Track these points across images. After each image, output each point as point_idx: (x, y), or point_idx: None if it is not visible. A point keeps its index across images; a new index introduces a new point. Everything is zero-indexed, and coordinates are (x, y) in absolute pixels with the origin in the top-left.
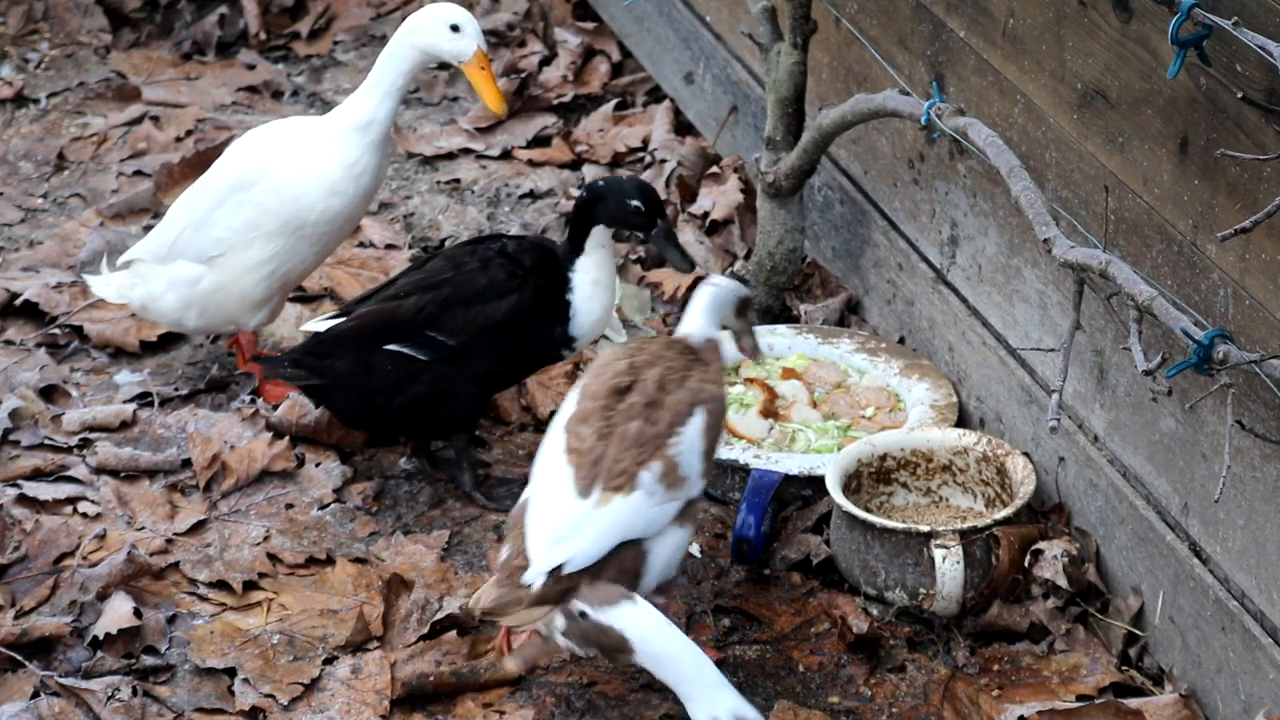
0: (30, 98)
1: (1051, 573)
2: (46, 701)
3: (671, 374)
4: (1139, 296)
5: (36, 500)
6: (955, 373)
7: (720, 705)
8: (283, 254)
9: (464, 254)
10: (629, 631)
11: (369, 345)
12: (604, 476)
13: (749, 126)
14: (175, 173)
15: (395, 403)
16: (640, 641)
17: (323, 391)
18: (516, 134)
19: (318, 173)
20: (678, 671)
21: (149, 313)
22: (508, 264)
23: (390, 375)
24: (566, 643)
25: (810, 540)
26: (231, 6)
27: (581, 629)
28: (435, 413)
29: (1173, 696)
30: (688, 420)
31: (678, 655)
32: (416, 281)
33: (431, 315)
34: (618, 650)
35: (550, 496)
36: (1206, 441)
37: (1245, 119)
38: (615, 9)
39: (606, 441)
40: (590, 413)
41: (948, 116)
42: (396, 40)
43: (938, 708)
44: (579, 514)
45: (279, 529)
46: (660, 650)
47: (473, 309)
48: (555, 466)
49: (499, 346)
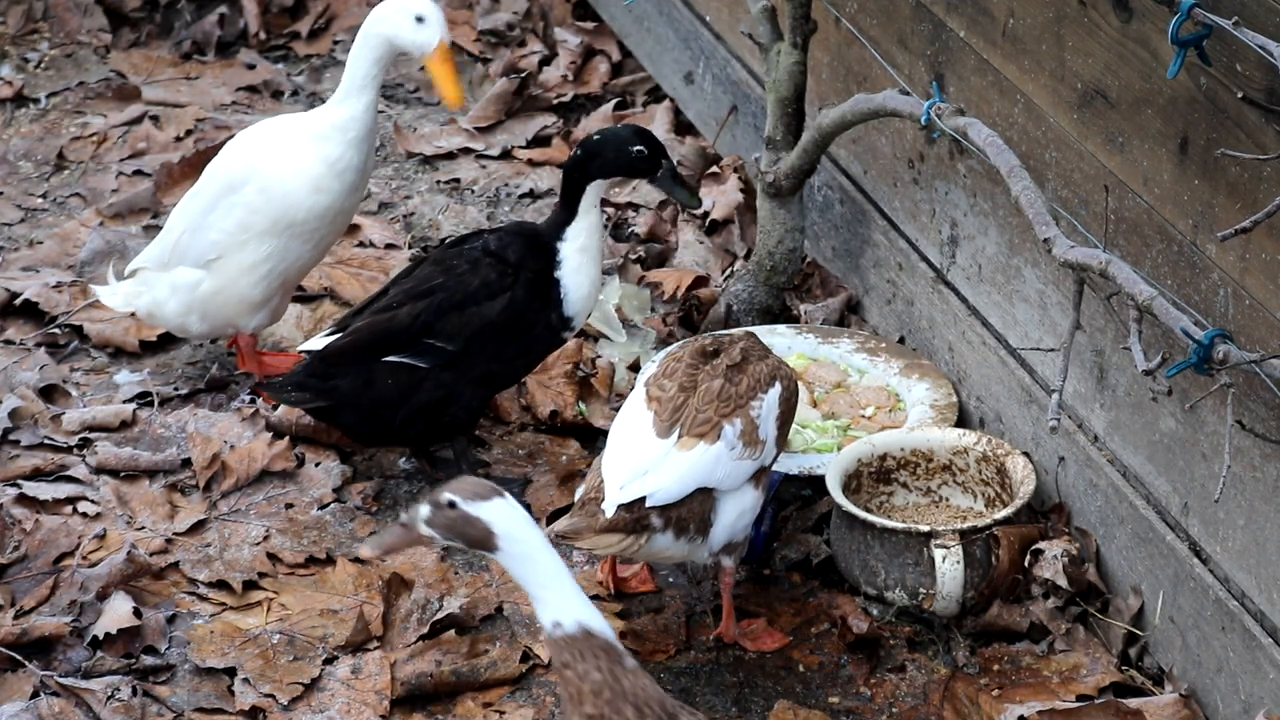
0: (30, 97)
1: (1051, 572)
2: (46, 701)
3: (754, 350)
4: (1139, 296)
5: (36, 500)
6: (955, 372)
7: (566, 611)
8: (277, 253)
9: (451, 256)
10: (495, 526)
11: (368, 359)
12: (686, 423)
13: (749, 126)
14: (175, 172)
15: (400, 415)
16: (505, 538)
17: (328, 412)
18: (516, 134)
19: (300, 171)
20: (534, 572)
21: (155, 320)
22: (495, 262)
23: (392, 387)
24: (429, 531)
25: (810, 540)
26: (231, 6)
27: (448, 518)
28: (438, 419)
29: (1173, 696)
30: (768, 388)
31: (537, 557)
32: (408, 290)
33: (427, 322)
34: (481, 544)
35: (629, 437)
36: (1206, 441)
37: (1245, 119)
38: (615, 9)
39: (689, 394)
40: (673, 370)
41: (948, 116)
42: (363, 31)
43: (938, 708)
44: (659, 452)
45: (279, 529)
46: (522, 550)
47: (467, 312)
48: (635, 413)
49: (497, 345)
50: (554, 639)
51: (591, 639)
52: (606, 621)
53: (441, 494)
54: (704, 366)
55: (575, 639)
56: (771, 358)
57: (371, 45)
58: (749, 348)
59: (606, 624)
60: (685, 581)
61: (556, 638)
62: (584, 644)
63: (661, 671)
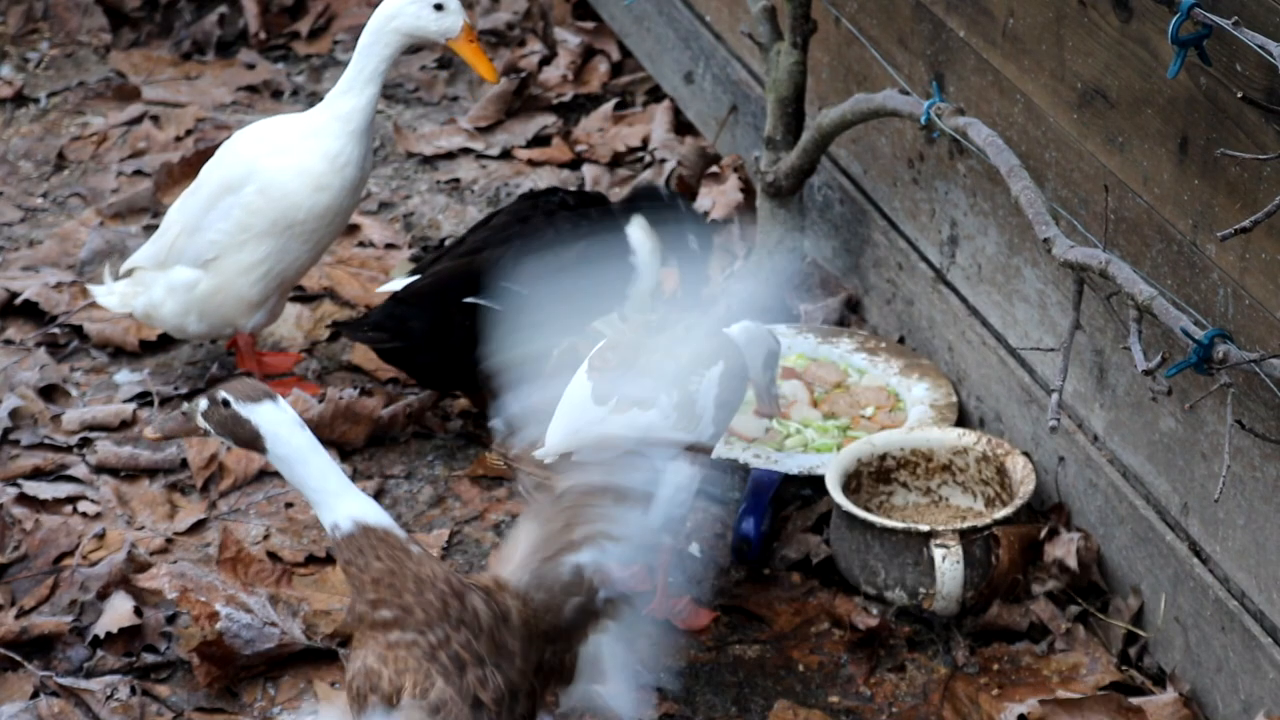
0: (30, 97)
1: (1063, 553)
2: (46, 701)
3: (698, 328)
4: (1139, 296)
5: (36, 499)
6: (955, 372)
7: (341, 510)
8: (276, 253)
9: (526, 208)
10: (263, 427)
11: (447, 301)
12: (623, 391)
13: (749, 126)
14: (175, 172)
15: (477, 355)
16: (273, 439)
17: (403, 354)
18: (516, 133)
19: (301, 169)
20: (305, 474)
21: (152, 320)
22: (572, 215)
23: (469, 330)
24: (205, 424)
25: (810, 540)
26: (231, 6)
27: (220, 415)
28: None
29: (1172, 696)
30: (710, 366)
31: (306, 459)
32: (486, 237)
33: (506, 267)
34: (250, 444)
35: (569, 402)
36: (1206, 441)
37: (1245, 119)
38: (615, 8)
39: (629, 366)
40: (616, 343)
41: (947, 116)
42: (375, 27)
43: (937, 707)
44: (595, 417)
45: (279, 528)
46: (289, 452)
47: (543, 258)
48: (576, 381)
49: (568, 292)
50: (335, 541)
51: (370, 532)
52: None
53: (218, 392)
54: (645, 342)
55: (354, 537)
56: (719, 338)
57: (386, 40)
58: (695, 325)
59: (384, 514)
60: (685, 581)
61: (337, 539)
62: (363, 539)
63: (661, 671)
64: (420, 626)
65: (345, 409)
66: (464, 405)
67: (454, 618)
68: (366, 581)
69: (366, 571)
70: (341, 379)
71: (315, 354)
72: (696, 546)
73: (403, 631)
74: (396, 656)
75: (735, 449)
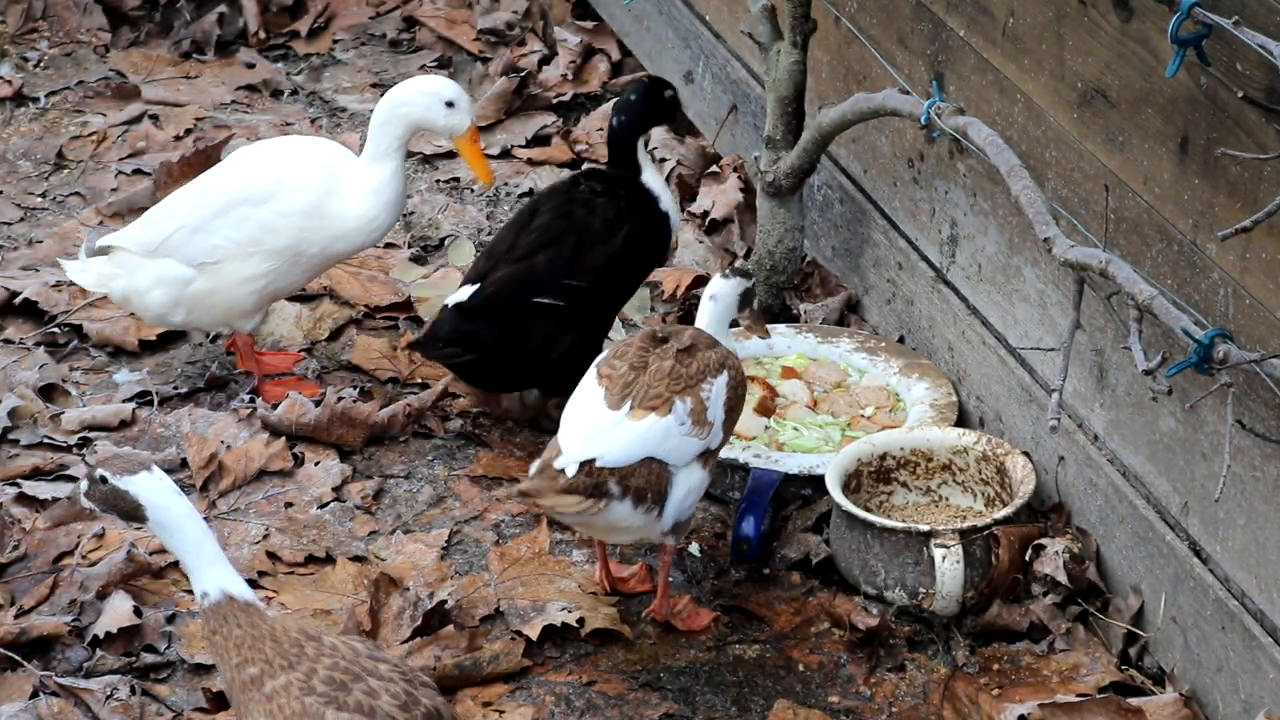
0: (30, 96)
1: (1051, 569)
2: (46, 701)
3: (702, 339)
4: (1139, 296)
5: (36, 499)
6: (955, 372)
7: (211, 580)
8: (278, 273)
9: (563, 204)
10: (142, 497)
11: (516, 307)
12: (638, 396)
13: (749, 125)
14: (174, 171)
15: (553, 353)
16: (151, 508)
17: (479, 365)
18: (516, 133)
19: (333, 217)
20: (180, 542)
21: (130, 304)
22: (609, 201)
23: (540, 330)
24: (89, 504)
25: (810, 540)
26: (231, 5)
27: (100, 492)
28: (587, 351)
29: (1173, 696)
30: (718, 374)
31: (184, 526)
32: (537, 240)
33: (566, 264)
34: (133, 515)
35: (583, 409)
36: (1206, 441)
37: (1245, 118)
38: (615, 8)
39: (640, 372)
40: (624, 353)
41: (948, 115)
42: (387, 110)
43: (937, 707)
44: (611, 421)
45: (278, 527)
46: (167, 518)
47: (597, 249)
48: (588, 389)
49: (624, 273)
50: (203, 609)
51: (234, 603)
52: (247, 585)
53: (95, 469)
54: (654, 349)
55: (220, 606)
56: (720, 348)
57: (396, 123)
58: (697, 335)
59: (248, 588)
60: (685, 580)
61: (205, 607)
62: (227, 609)
63: (661, 671)
64: (285, 668)
65: (342, 414)
66: (464, 405)
67: (311, 655)
68: (230, 647)
69: (229, 639)
70: (341, 378)
71: (315, 353)
72: (696, 546)
73: (273, 679)
74: (279, 707)
75: (735, 449)
